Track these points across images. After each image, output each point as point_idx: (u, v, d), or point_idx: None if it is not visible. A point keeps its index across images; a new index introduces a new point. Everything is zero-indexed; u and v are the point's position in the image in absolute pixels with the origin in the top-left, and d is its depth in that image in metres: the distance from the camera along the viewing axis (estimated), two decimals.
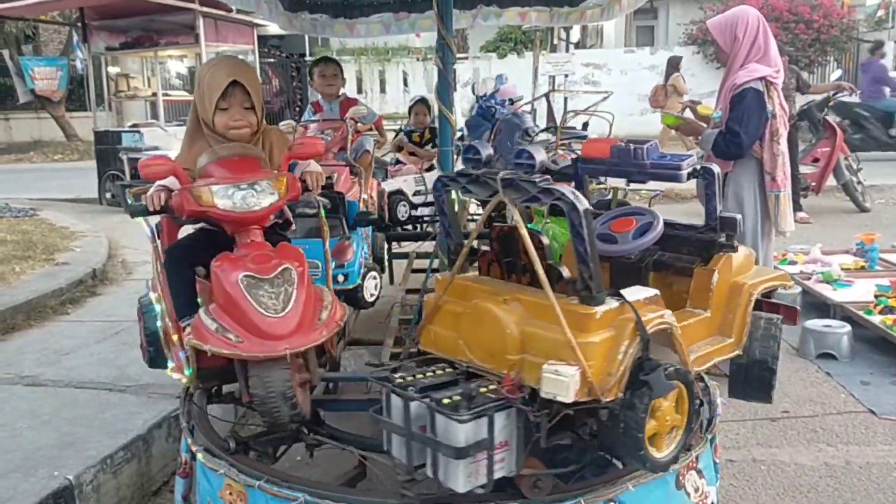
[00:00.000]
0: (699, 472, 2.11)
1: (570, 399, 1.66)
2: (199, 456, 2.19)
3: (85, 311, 5.09)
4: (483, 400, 1.74)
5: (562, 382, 1.65)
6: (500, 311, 1.86)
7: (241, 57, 13.60)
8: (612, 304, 1.78)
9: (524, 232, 1.82)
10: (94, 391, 3.59)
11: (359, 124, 4.65)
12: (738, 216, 2.31)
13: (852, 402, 3.78)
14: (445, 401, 1.72)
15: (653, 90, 11.83)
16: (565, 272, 1.85)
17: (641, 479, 1.97)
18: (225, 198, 2.25)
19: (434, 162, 6.05)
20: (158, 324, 2.56)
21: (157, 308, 2.53)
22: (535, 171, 2.05)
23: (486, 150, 2.20)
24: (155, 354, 2.68)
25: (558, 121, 6.27)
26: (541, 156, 2.17)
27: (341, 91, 4.87)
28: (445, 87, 2.88)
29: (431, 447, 1.74)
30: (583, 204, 1.72)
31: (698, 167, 2.28)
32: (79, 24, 10.58)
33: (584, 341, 1.70)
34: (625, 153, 2.25)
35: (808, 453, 3.28)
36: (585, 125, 5.67)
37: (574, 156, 3.25)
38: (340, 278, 3.45)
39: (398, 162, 5.87)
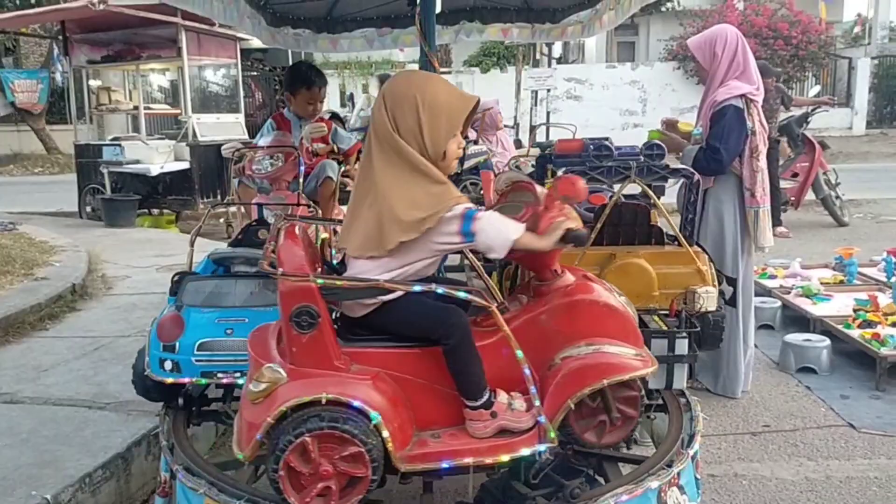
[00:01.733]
0: (681, 487, 2.12)
1: (714, 307, 2.77)
2: (180, 475, 2.18)
3: (64, 326, 5.03)
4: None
5: (712, 297, 2.75)
6: (643, 262, 2.80)
7: (223, 70, 13.58)
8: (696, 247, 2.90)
9: (661, 206, 2.89)
10: (73, 408, 3.54)
11: (317, 147, 4.11)
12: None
13: (832, 416, 3.81)
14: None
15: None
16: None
17: (624, 495, 1.98)
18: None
19: None
20: None
21: None
22: None
23: None
24: None
25: (526, 137, 6.39)
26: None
27: (324, 115, 4.45)
28: None
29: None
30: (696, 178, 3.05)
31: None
32: (60, 37, 10.51)
33: (703, 269, 2.83)
34: (596, 145, 2.90)
35: (789, 468, 3.30)
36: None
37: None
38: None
39: None
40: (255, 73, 18.20)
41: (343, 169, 4.33)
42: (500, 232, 1.96)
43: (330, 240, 3.55)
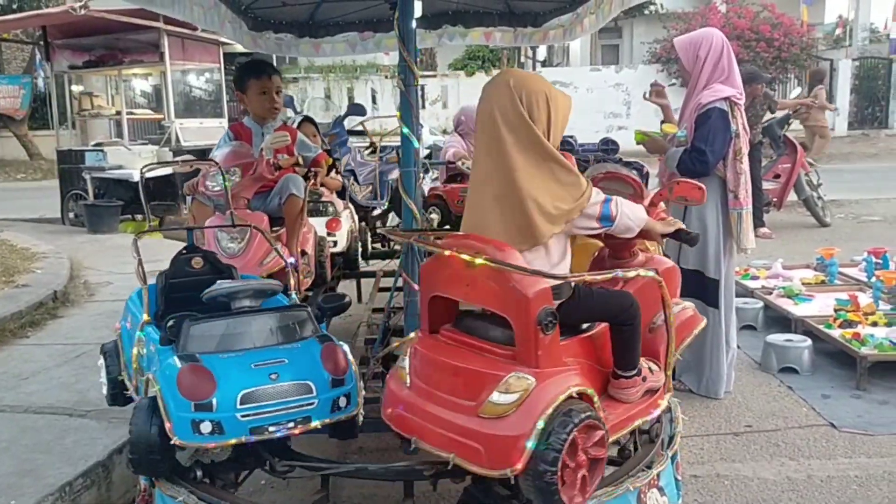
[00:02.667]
0: (660, 489, 2.13)
1: None
2: (159, 483, 2.16)
3: (45, 334, 4.99)
4: None
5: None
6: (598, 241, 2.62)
7: (206, 75, 13.53)
8: None
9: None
10: (54, 416, 3.52)
11: (280, 159, 3.67)
12: None
13: (814, 416, 3.84)
14: None
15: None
16: None
17: (603, 497, 1.99)
18: None
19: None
20: None
21: None
22: None
23: None
24: None
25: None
26: None
27: (296, 119, 4.27)
28: (408, 107, 2.90)
29: None
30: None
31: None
32: (42, 43, 10.45)
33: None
34: (563, 142, 3.11)
35: (771, 467, 3.31)
36: None
37: None
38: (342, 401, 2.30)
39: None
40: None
41: (310, 182, 3.96)
42: (636, 214, 2.20)
43: (298, 265, 3.40)
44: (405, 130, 2.89)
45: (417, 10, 3.04)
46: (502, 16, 4.64)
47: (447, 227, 5.01)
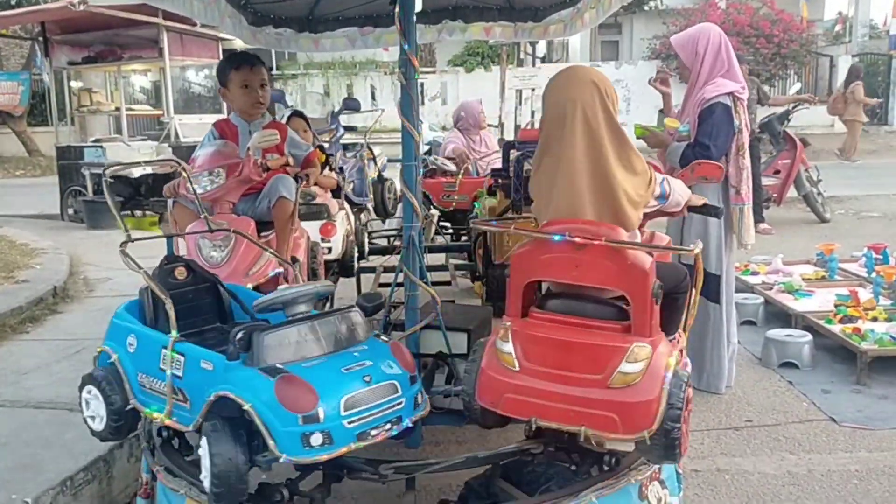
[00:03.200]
0: (661, 482, 2.13)
1: None
2: (160, 476, 2.16)
3: (45, 329, 4.99)
4: None
5: None
6: None
7: (205, 71, 13.52)
8: None
9: None
10: (54, 411, 3.51)
11: (269, 159, 3.36)
12: None
13: (814, 411, 3.84)
14: None
15: (831, 98, 11.77)
16: None
17: (605, 490, 1.99)
18: None
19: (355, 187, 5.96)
20: None
21: None
22: None
23: None
24: None
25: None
26: None
27: (286, 113, 4.11)
28: (409, 102, 2.89)
29: None
30: None
31: None
32: (41, 39, 10.44)
33: None
34: None
35: (772, 462, 3.32)
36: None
37: None
38: (419, 398, 2.27)
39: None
40: None
41: (302, 183, 3.61)
42: (683, 190, 2.45)
43: (287, 275, 3.13)
44: (406, 125, 2.88)
45: (418, 5, 3.03)
46: (502, 11, 4.64)
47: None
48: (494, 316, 3.32)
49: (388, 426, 2.07)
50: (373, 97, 20.48)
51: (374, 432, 2.03)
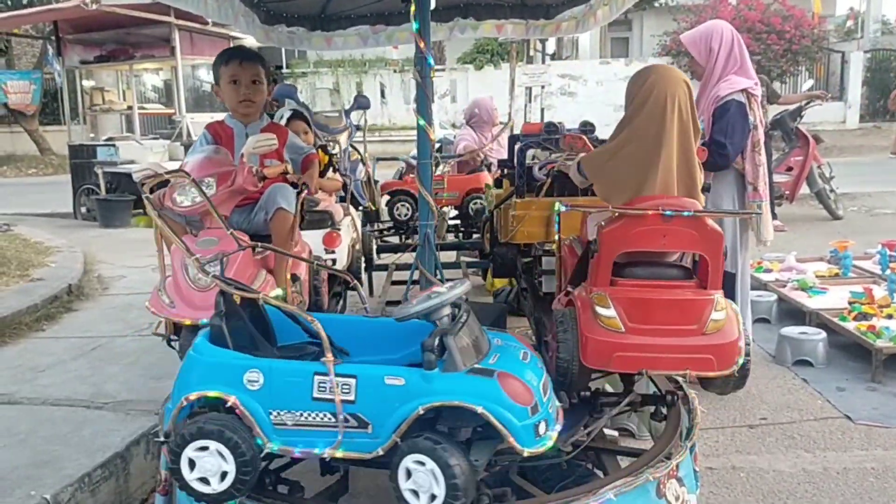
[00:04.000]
0: (679, 480, 2.13)
1: None
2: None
3: (60, 327, 5.02)
4: None
5: None
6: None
7: None
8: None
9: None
10: (71, 408, 3.54)
11: (267, 166, 3.00)
12: None
13: (829, 409, 3.83)
14: None
15: (893, 94, 11.65)
16: None
17: (623, 487, 1.99)
18: None
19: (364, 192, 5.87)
20: None
21: None
22: None
23: None
24: None
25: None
26: None
27: (284, 114, 3.84)
28: (424, 100, 2.88)
29: None
30: None
31: None
32: (53, 38, 10.49)
33: None
34: (550, 126, 3.79)
35: (787, 460, 3.31)
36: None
37: None
38: None
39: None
40: None
41: (304, 190, 3.20)
42: None
43: (290, 297, 2.83)
44: (421, 122, 2.88)
45: (432, 2, 3.03)
46: (514, 8, 4.64)
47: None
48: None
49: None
50: (382, 95, 20.49)
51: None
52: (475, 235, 6.12)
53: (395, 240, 6.26)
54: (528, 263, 4.01)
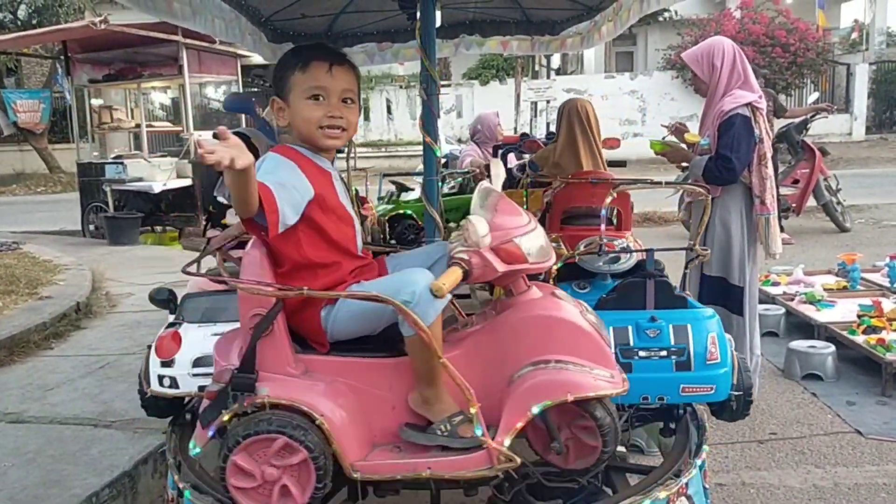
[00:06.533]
0: (689, 497, 2.11)
1: None
2: (187, 492, 2.17)
3: (69, 345, 5.04)
4: None
5: None
6: None
7: (224, 88, 13.62)
8: None
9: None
10: (80, 427, 3.55)
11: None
12: None
13: (839, 423, 3.80)
14: None
15: None
16: None
17: None
18: None
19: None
20: None
21: None
22: None
23: None
24: None
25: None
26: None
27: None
28: (430, 117, 2.91)
29: None
30: None
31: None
32: (62, 57, 10.58)
33: None
34: (524, 136, 5.26)
35: (797, 475, 3.29)
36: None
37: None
38: None
39: None
40: (255, 90, 18.24)
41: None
42: None
43: None
44: (427, 139, 2.90)
45: (437, 20, 3.06)
46: (519, 24, 4.66)
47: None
48: None
49: None
50: (388, 111, 20.58)
51: None
52: None
53: None
54: None
